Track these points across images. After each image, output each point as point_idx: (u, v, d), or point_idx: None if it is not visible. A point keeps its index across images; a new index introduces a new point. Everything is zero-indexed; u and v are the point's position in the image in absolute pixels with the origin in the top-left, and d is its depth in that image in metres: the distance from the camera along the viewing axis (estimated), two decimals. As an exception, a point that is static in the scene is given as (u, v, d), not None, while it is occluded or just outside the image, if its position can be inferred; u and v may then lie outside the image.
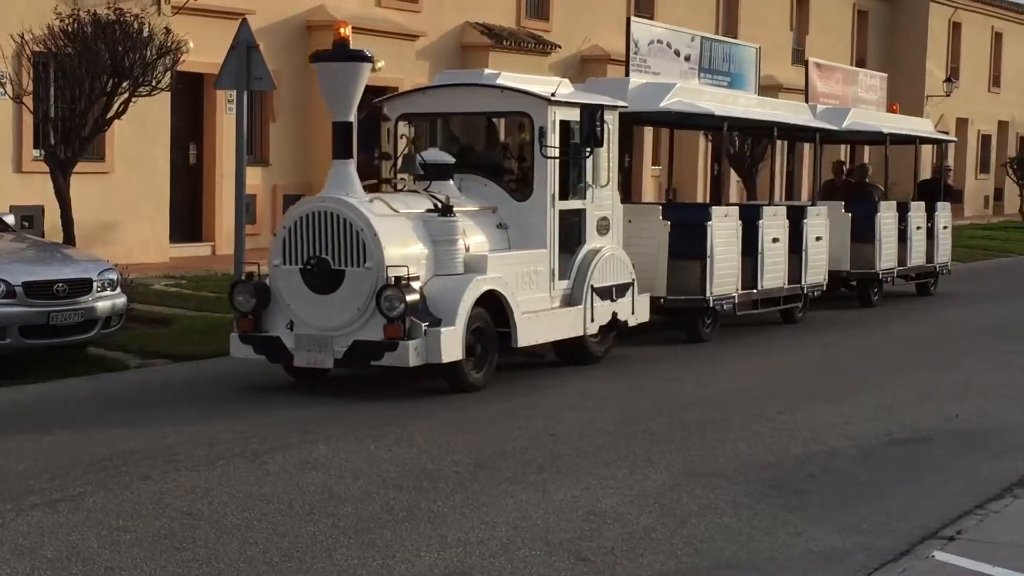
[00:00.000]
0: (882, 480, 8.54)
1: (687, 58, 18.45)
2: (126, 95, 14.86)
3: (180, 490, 7.87)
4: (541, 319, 12.15)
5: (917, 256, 20.97)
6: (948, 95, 45.19)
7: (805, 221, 17.33)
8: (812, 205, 18.05)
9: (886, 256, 19.77)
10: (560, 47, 29.28)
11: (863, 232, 19.34)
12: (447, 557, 6.66)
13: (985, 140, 50.49)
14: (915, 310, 19.47)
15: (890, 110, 24.57)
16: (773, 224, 16.40)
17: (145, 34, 14.79)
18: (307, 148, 23.34)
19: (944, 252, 22.08)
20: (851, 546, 7.02)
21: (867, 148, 32.53)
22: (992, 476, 8.62)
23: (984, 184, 50.73)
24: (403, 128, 13.00)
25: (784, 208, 16.96)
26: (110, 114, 14.97)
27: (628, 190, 32.04)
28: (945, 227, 22.16)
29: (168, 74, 15.18)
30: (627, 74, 17.00)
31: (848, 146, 34.40)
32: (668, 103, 15.53)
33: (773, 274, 16.35)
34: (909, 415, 10.76)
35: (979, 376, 12.95)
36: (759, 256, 16.04)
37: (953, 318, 18.33)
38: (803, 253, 17.14)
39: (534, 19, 29.72)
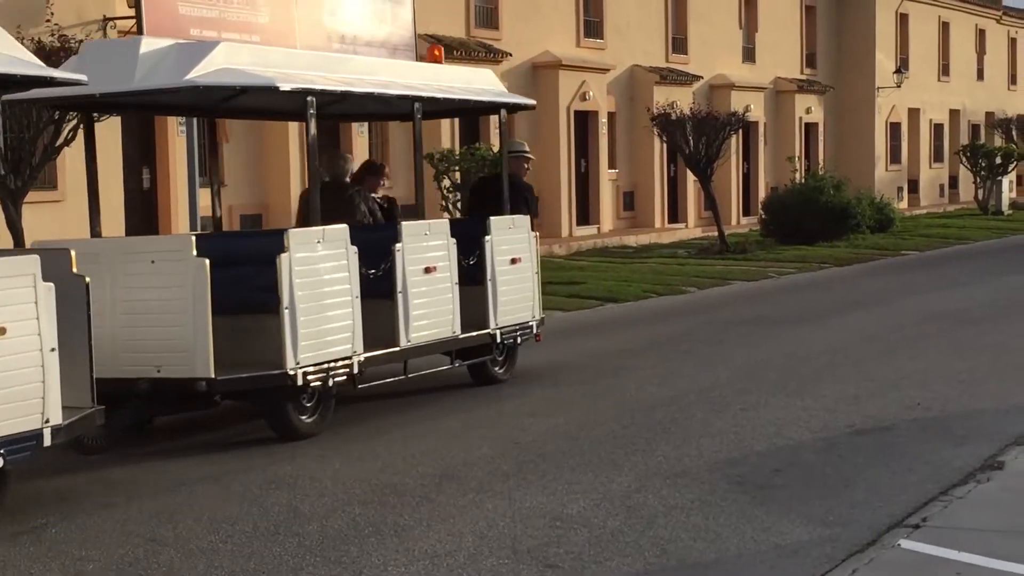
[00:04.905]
0: (847, 471, 8.57)
1: None
2: (75, 121, 14.76)
3: (143, 516, 7.82)
4: None
5: (430, 324, 11.04)
6: (899, 86, 45.62)
7: None
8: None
9: (310, 336, 9.68)
10: (511, 55, 29.36)
11: (252, 293, 9.74)
12: (414, 571, 6.64)
13: (937, 129, 50.93)
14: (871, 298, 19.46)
15: (430, 56, 13.54)
16: None
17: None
18: (262, 168, 23.26)
19: (516, 307, 12.17)
20: (818, 538, 7.04)
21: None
22: (955, 462, 8.67)
23: (939, 173, 51.17)
24: None
25: None
26: (59, 141, 14.86)
27: (587, 197, 32.30)
28: (514, 260, 12.11)
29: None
30: None
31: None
32: None
33: None
34: (872, 405, 10.81)
35: (938, 363, 13.02)
36: None
37: (913, 305, 18.41)
38: None
39: (484, 28, 29.81)
